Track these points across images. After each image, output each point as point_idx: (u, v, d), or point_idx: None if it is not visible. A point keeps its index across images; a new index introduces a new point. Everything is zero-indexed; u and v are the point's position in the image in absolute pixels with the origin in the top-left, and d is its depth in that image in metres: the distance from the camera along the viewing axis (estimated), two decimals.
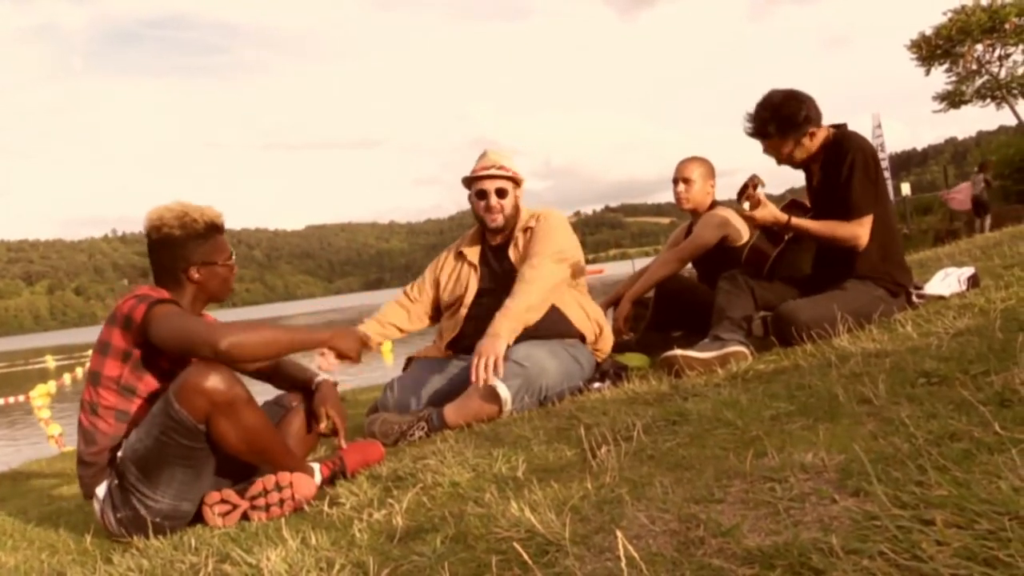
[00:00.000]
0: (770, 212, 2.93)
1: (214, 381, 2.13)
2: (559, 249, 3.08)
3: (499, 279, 3.18)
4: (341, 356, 2.54)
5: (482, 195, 3.18)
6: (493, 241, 3.29)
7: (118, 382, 2.31)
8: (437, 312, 3.37)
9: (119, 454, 2.27)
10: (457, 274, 3.29)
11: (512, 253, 3.20)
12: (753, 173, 2.99)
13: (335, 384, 2.74)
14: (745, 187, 2.96)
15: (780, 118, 2.94)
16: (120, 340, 2.31)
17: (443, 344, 3.24)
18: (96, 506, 2.32)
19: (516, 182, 3.23)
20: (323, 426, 2.61)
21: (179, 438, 2.15)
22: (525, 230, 3.22)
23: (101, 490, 2.30)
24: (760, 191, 2.93)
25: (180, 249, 2.43)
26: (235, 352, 2.18)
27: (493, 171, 3.18)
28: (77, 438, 2.39)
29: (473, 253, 3.29)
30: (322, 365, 2.74)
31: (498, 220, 3.20)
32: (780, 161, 3.08)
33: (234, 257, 2.56)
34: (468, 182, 3.25)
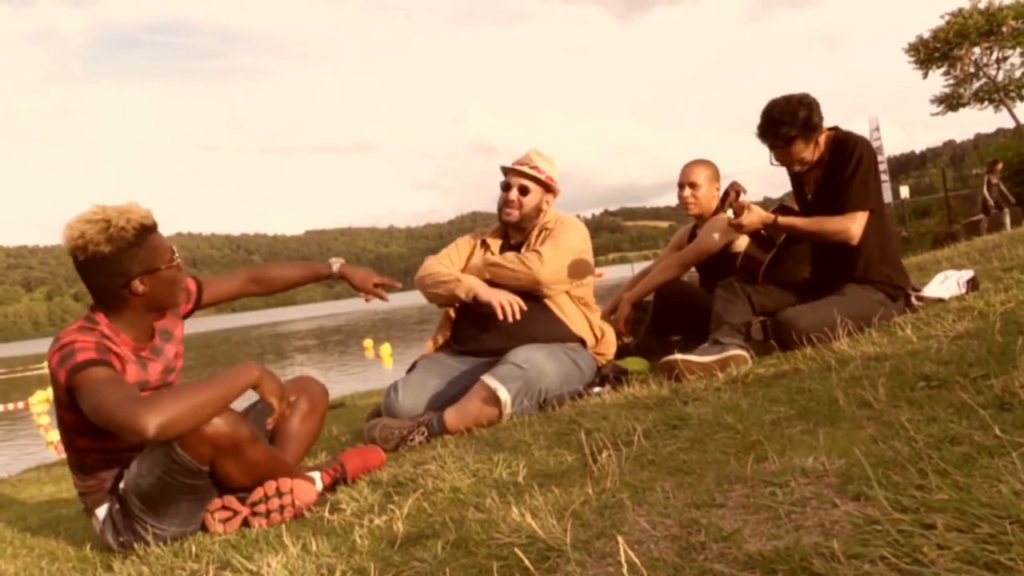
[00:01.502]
0: (756, 215, 2.93)
1: (217, 425, 2.05)
2: (566, 249, 3.13)
3: None
4: (265, 396, 2.23)
5: (506, 187, 3.21)
6: (513, 239, 3.31)
7: (91, 427, 2.13)
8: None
9: (121, 485, 2.21)
10: (478, 258, 3.28)
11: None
12: (733, 181, 2.99)
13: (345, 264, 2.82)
14: (727, 195, 2.96)
15: (801, 123, 2.91)
16: (64, 394, 2.13)
17: (444, 336, 3.26)
18: (96, 525, 2.29)
19: (547, 187, 3.25)
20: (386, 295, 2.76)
21: (183, 478, 2.11)
22: (541, 232, 3.24)
23: (101, 512, 2.26)
24: (743, 198, 2.93)
25: (114, 266, 2.17)
26: (167, 434, 1.96)
27: (526, 168, 3.21)
28: (70, 468, 2.33)
29: (495, 246, 3.30)
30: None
31: (513, 216, 3.21)
32: (792, 165, 3.05)
33: (177, 256, 2.31)
34: (503, 171, 3.26)
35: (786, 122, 2.92)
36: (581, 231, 3.27)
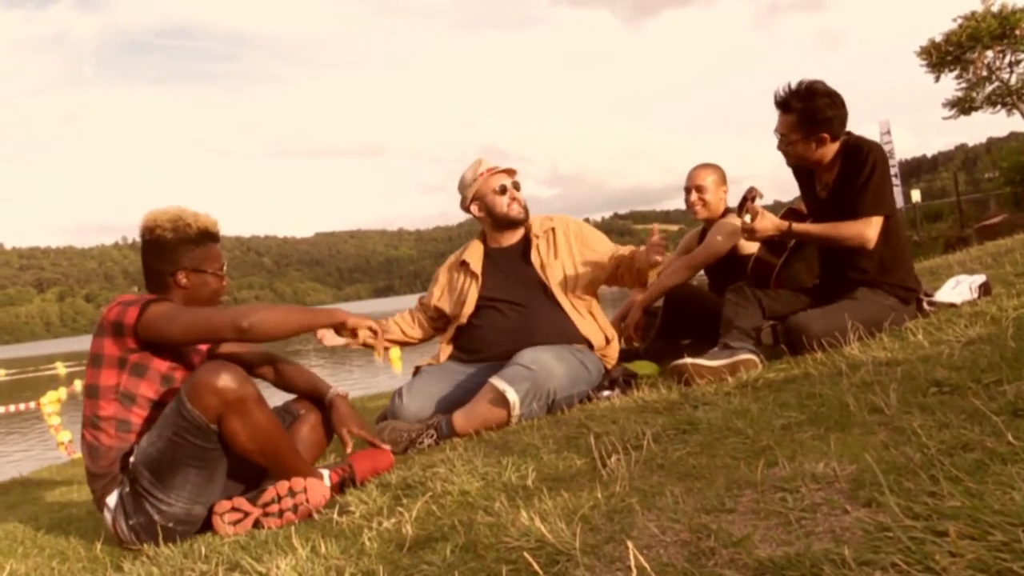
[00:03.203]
0: (770, 222, 2.92)
1: (225, 380, 2.14)
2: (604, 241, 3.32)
3: (513, 281, 3.22)
4: (353, 337, 2.57)
5: (504, 189, 3.25)
6: (505, 242, 3.31)
7: (117, 390, 2.32)
8: (444, 323, 3.39)
9: (131, 459, 2.27)
10: (458, 286, 3.31)
11: (535, 257, 3.24)
12: (751, 186, 2.99)
13: (346, 396, 2.73)
14: (744, 200, 2.96)
15: (808, 106, 2.91)
16: (112, 348, 2.31)
17: (444, 354, 3.28)
18: (107, 516, 2.32)
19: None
20: (349, 448, 2.58)
21: (191, 438, 2.16)
22: (544, 234, 3.28)
23: (112, 499, 2.30)
24: (758, 203, 2.92)
25: (170, 253, 2.43)
26: (258, 330, 2.24)
27: (503, 167, 3.28)
28: (82, 453, 2.41)
29: (476, 262, 3.30)
30: (323, 339, 2.87)
31: (522, 211, 3.28)
32: (780, 144, 3.05)
33: (226, 269, 2.54)
34: (480, 183, 3.26)
35: (799, 96, 2.93)
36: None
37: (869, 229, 2.87)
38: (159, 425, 2.23)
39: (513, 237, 3.31)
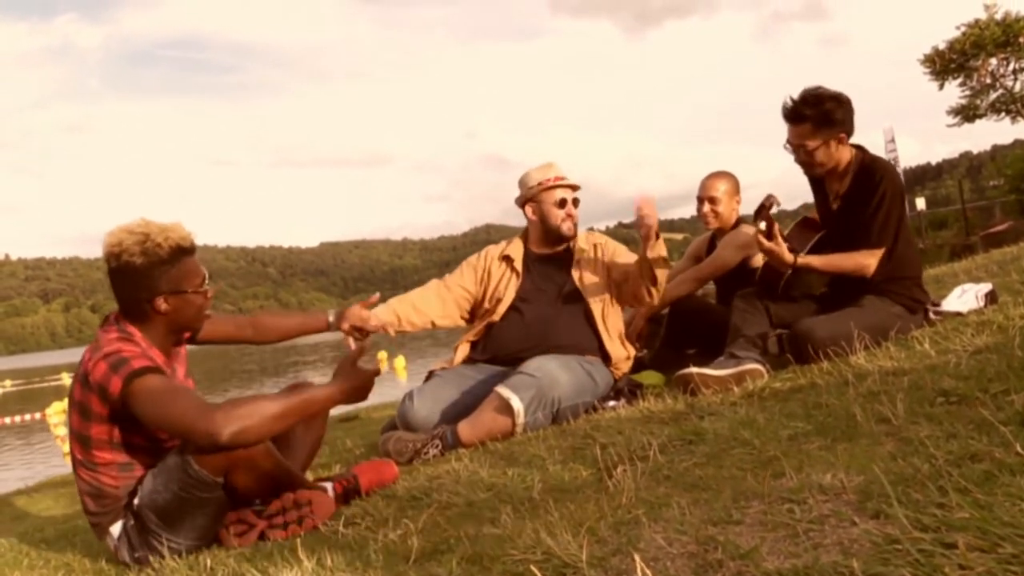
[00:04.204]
0: (779, 250, 2.89)
1: None
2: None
3: (546, 290, 3.24)
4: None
5: (563, 203, 3.27)
6: (546, 251, 3.34)
7: (110, 441, 2.20)
8: (472, 313, 3.38)
9: (136, 500, 2.21)
10: (497, 278, 3.32)
11: (576, 271, 3.26)
12: (769, 192, 2.97)
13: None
14: (761, 207, 2.94)
15: (819, 111, 2.90)
16: (100, 407, 2.15)
17: (461, 355, 3.28)
18: (110, 543, 2.27)
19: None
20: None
21: (198, 492, 2.12)
22: (591, 248, 3.30)
23: (116, 529, 2.25)
24: (774, 210, 2.90)
25: (143, 279, 2.21)
26: (238, 441, 2.02)
27: (570, 181, 3.29)
28: (79, 494, 2.30)
29: (518, 260, 3.33)
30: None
31: (573, 229, 3.29)
32: (798, 156, 3.02)
33: (208, 282, 2.34)
34: (542, 189, 3.27)
35: (808, 103, 2.92)
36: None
37: (872, 260, 2.89)
38: (163, 475, 2.15)
39: (555, 248, 3.34)
